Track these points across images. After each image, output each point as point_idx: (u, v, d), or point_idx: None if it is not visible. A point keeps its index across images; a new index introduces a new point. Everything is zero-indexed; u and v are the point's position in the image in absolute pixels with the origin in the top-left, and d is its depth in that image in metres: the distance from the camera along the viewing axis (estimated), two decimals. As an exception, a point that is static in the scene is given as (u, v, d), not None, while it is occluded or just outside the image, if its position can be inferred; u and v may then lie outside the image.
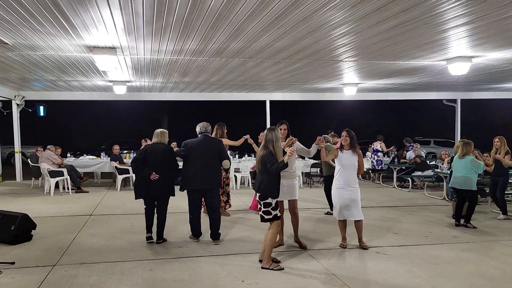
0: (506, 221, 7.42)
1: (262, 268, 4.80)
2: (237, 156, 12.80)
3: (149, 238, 5.88)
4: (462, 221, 7.07)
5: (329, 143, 7.94)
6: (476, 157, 7.00)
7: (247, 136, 7.26)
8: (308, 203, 9.06)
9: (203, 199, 6.04)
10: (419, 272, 4.77)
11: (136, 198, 5.92)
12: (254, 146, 7.50)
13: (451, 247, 5.82)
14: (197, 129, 6.11)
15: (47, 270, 4.78)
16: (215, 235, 5.90)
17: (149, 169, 5.69)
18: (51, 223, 7.14)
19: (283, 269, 4.77)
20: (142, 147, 11.05)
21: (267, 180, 4.74)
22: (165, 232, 6.01)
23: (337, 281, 4.48)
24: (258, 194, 4.80)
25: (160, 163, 5.71)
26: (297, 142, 5.78)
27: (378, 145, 13.51)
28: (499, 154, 7.47)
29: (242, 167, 11.67)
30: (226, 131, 7.55)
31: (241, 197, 9.80)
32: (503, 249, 5.77)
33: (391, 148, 13.79)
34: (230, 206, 8.07)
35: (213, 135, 7.09)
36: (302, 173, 12.20)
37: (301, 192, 8.52)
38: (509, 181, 7.81)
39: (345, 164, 5.61)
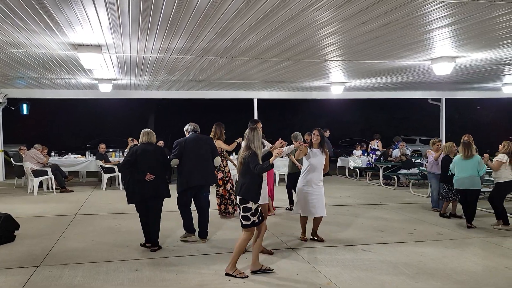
0: (486, 218, 7.55)
1: (225, 274, 4.54)
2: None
3: (148, 247, 5.54)
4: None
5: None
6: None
7: (240, 140, 7.21)
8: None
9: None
10: (404, 269, 4.83)
11: (129, 203, 5.56)
12: None
13: (435, 244, 5.91)
14: (188, 127, 6.11)
15: (30, 271, 4.71)
16: (204, 234, 5.97)
17: (141, 170, 5.38)
18: (35, 224, 7.03)
19: (247, 277, 4.50)
20: (129, 146, 11.01)
21: (249, 183, 4.53)
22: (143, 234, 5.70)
23: (323, 278, 4.51)
24: (238, 198, 4.57)
25: (153, 164, 5.45)
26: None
27: (375, 143, 13.68)
28: None
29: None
30: (224, 131, 7.30)
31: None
32: (485, 245, 5.88)
33: (385, 149, 13.99)
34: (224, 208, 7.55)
35: (211, 135, 7.06)
36: None
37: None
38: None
39: (314, 162, 5.77)
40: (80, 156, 12.44)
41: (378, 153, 13.37)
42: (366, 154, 14.17)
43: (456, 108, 25.08)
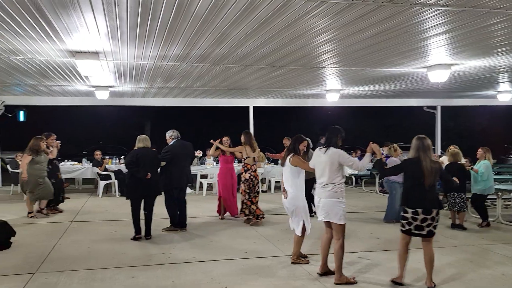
0: (475, 224, 7.58)
1: None
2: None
3: (138, 239, 6.37)
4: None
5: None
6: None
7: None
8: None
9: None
10: (401, 276, 4.82)
11: (127, 198, 6.46)
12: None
13: (432, 251, 5.90)
14: (173, 134, 6.97)
15: (26, 278, 4.67)
16: (184, 224, 7.00)
17: (142, 171, 6.27)
18: (31, 230, 6.98)
19: None
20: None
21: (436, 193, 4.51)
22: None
23: (320, 286, 4.50)
24: (435, 211, 4.40)
25: (151, 166, 6.39)
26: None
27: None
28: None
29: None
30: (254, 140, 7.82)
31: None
32: (481, 252, 5.87)
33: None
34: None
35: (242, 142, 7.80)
36: None
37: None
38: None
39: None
40: (76, 163, 12.37)
41: (391, 159, 13.27)
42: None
43: (452, 115, 25.20)
